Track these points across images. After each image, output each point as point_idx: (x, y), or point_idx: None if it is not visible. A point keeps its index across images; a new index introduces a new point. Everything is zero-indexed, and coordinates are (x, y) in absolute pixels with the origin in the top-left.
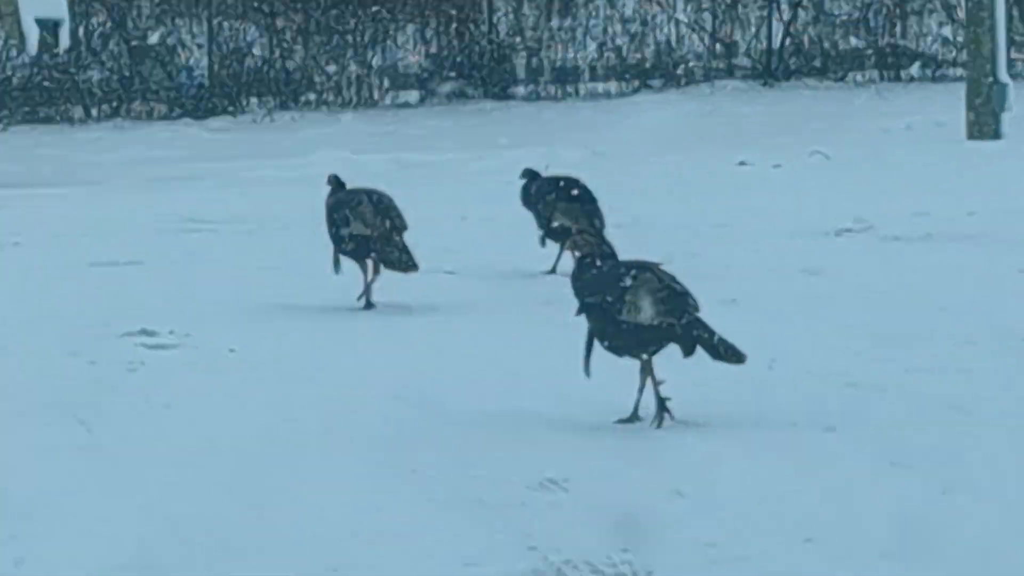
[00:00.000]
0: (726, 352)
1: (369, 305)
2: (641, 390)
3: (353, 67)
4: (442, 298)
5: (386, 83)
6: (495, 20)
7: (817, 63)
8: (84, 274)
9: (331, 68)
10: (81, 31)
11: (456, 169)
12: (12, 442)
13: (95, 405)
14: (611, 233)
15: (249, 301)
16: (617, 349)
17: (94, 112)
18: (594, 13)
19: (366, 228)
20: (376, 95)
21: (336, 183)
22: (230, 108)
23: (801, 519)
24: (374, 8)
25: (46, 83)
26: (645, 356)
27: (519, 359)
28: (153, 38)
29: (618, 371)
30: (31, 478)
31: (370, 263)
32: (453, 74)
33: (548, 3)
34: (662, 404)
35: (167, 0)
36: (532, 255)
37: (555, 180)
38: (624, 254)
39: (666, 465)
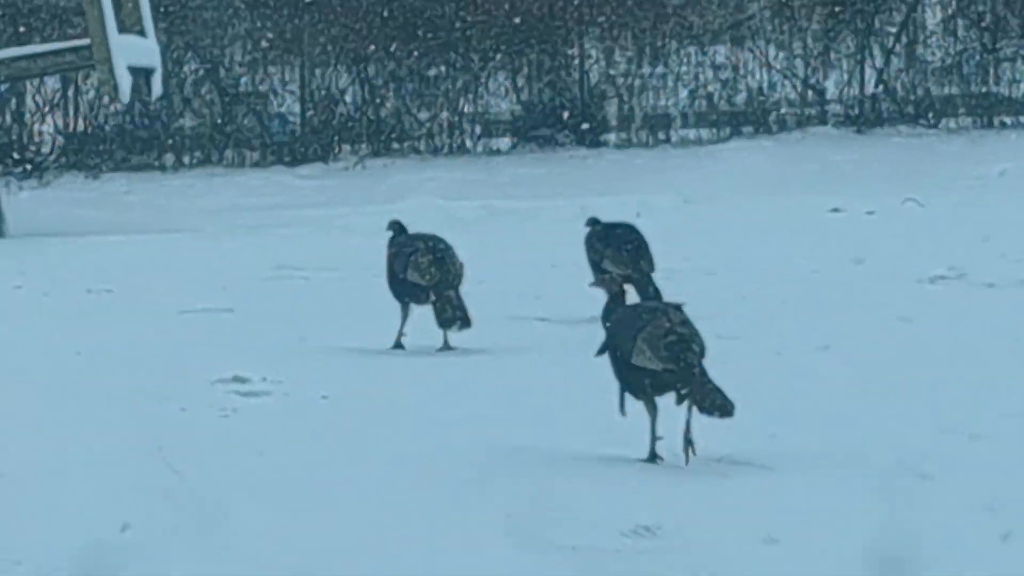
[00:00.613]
0: (710, 404)
1: (398, 346)
2: (653, 430)
3: (445, 114)
4: (532, 343)
5: (477, 130)
6: (587, 67)
7: (910, 109)
8: (176, 321)
9: (423, 115)
10: (174, 79)
11: (547, 216)
12: (104, 488)
13: (187, 451)
14: (700, 278)
15: (341, 348)
16: (630, 390)
17: (186, 159)
18: (686, 60)
19: (421, 278)
20: (467, 142)
21: (398, 229)
22: (322, 155)
23: None
24: (466, 55)
25: (139, 131)
26: (657, 398)
27: (608, 404)
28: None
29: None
30: (123, 523)
31: (412, 308)
32: (544, 121)
33: (640, 50)
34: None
35: (259, 48)
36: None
37: (609, 226)
38: (713, 299)
39: (758, 510)
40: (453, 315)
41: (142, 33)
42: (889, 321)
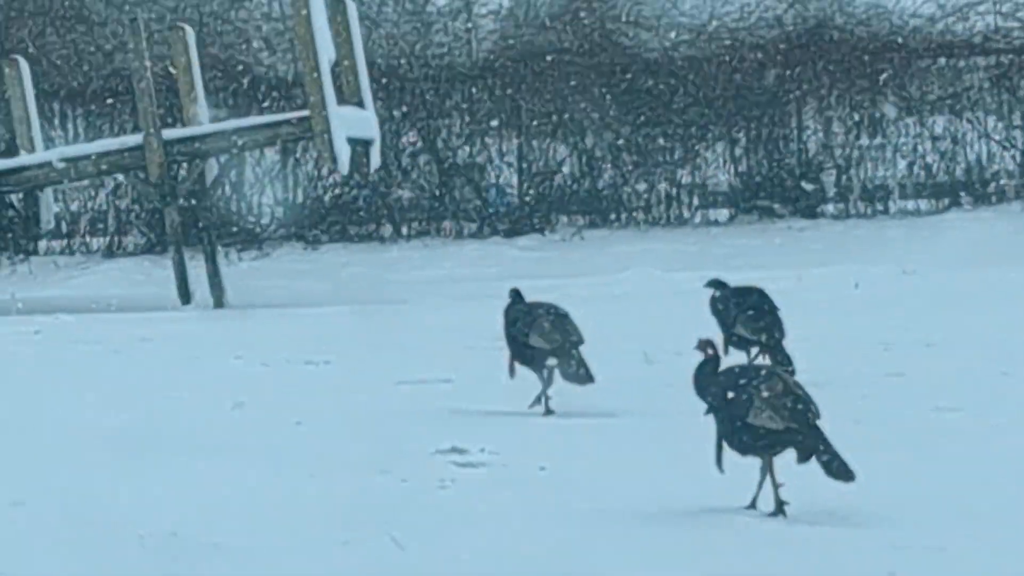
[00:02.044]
0: (837, 470)
1: (548, 412)
2: (760, 486)
3: (663, 185)
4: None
5: (695, 201)
6: (804, 138)
7: None
8: (394, 392)
9: (641, 186)
10: (391, 150)
11: (764, 287)
12: (324, 560)
13: (407, 523)
14: (919, 349)
15: (558, 419)
16: (742, 449)
17: (404, 230)
18: (904, 131)
19: (544, 342)
20: (685, 213)
21: (516, 296)
22: (539, 226)
23: None
24: (684, 126)
25: (357, 202)
26: (767, 457)
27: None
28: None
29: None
30: None
31: (547, 374)
32: (762, 192)
33: (857, 121)
34: (779, 504)
35: (477, 120)
36: (847, 371)
37: (739, 291)
38: (932, 372)
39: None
40: (576, 371)
41: (361, 104)
42: None
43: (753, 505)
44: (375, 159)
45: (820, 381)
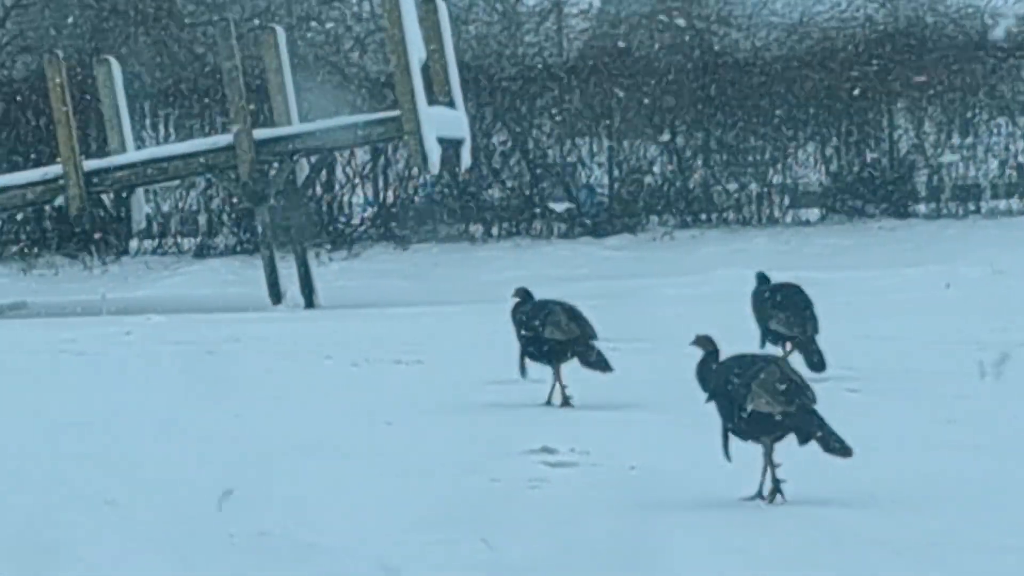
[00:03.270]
0: (835, 445)
1: (565, 401)
2: (764, 471)
3: (754, 185)
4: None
5: (786, 200)
6: (896, 138)
7: None
8: (485, 391)
9: (732, 186)
10: (482, 150)
11: (856, 287)
12: (415, 559)
13: (498, 523)
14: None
15: (648, 419)
16: (742, 434)
17: (494, 231)
18: (995, 131)
19: (562, 334)
20: (776, 213)
21: (524, 295)
22: (630, 226)
23: None
24: (775, 126)
25: (448, 202)
26: (768, 441)
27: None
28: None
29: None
30: None
31: (562, 367)
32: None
33: (949, 121)
34: (776, 484)
35: (567, 120)
36: (941, 370)
37: (775, 287)
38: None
39: None
40: (598, 358)
41: (451, 104)
42: None
43: (758, 495)
44: (466, 159)
45: (912, 381)
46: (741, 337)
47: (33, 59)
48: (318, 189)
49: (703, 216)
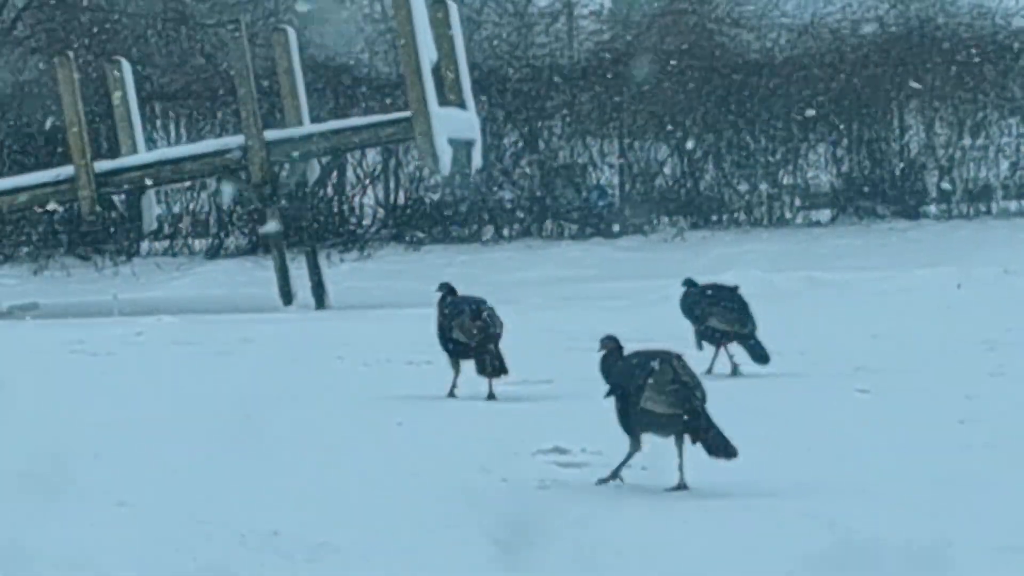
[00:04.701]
0: (718, 448)
1: (451, 393)
2: (679, 462)
3: (764, 186)
4: (853, 418)
5: (797, 201)
6: (906, 139)
7: None
8: (495, 391)
9: (742, 187)
10: (493, 151)
11: (867, 287)
12: (425, 558)
13: (508, 522)
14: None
15: None
16: (632, 431)
17: (505, 231)
18: (1007, 131)
19: (465, 337)
20: (787, 213)
21: (448, 290)
22: (640, 227)
23: None
24: (786, 127)
25: (459, 203)
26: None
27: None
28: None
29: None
30: None
31: (463, 365)
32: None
33: (960, 122)
34: (618, 469)
35: (579, 120)
36: (947, 374)
37: (710, 287)
38: None
39: None
40: (490, 362)
41: (462, 105)
42: None
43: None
44: (476, 160)
45: (923, 381)
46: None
47: (45, 59)
48: (329, 190)
49: (714, 217)
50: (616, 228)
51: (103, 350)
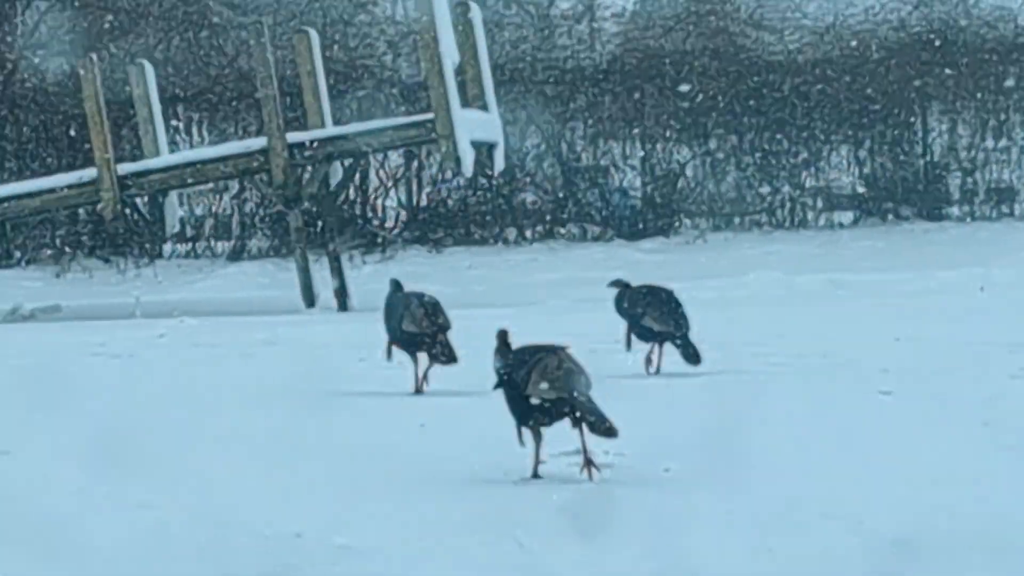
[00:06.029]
0: (601, 429)
1: (418, 392)
2: (535, 453)
3: (786, 188)
4: (875, 420)
5: (819, 204)
6: (929, 141)
7: None
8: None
9: (764, 189)
10: (515, 153)
11: (889, 290)
12: (448, 560)
13: (529, 524)
14: None
15: (679, 423)
16: (522, 419)
17: (527, 233)
18: None
19: (415, 327)
20: (809, 216)
21: (396, 286)
22: (663, 229)
23: None
24: (808, 129)
25: (481, 205)
26: (543, 425)
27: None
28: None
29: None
30: None
31: (420, 356)
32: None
33: (983, 124)
34: (587, 458)
35: (601, 122)
36: (970, 376)
37: (646, 288)
38: None
39: None
40: (441, 351)
41: (485, 108)
42: None
43: (535, 475)
44: (499, 162)
45: (946, 383)
46: (767, 338)
47: (67, 62)
48: (352, 192)
49: (736, 219)
50: (640, 227)
51: (125, 352)
